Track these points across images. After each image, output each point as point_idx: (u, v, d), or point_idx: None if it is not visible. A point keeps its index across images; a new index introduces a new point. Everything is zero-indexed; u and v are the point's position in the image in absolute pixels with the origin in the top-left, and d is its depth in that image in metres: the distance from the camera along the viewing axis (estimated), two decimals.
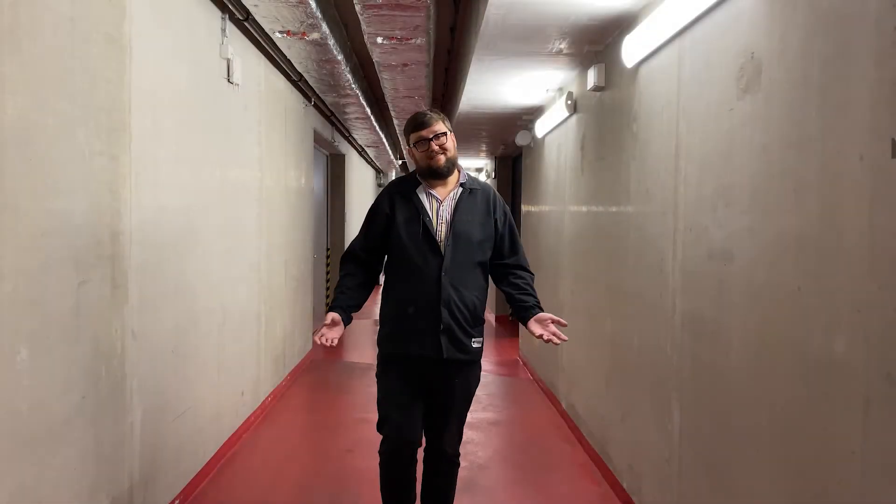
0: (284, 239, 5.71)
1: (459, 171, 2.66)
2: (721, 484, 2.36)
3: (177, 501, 3.24)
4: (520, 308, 2.62)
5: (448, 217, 2.57)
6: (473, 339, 2.59)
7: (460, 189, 2.62)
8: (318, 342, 2.47)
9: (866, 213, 1.59)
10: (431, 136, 2.54)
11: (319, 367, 6.70)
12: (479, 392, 2.95)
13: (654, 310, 3.03)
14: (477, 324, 2.61)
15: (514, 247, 2.71)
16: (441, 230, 2.55)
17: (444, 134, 2.57)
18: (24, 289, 2.03)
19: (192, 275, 3.40)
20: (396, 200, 2.61)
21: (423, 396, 2.61)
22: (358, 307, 2.62)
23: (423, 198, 2.60)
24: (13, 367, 1.99)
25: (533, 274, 2.73)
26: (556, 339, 2.48)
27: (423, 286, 2.51)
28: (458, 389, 2.63)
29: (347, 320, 2.56)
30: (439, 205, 2.59)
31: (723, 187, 2.35)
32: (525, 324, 2.58)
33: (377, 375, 2.66)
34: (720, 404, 2.37)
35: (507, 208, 2.72)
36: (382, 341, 2.63)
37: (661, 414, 2.91)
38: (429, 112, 2.61)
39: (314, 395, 5.74)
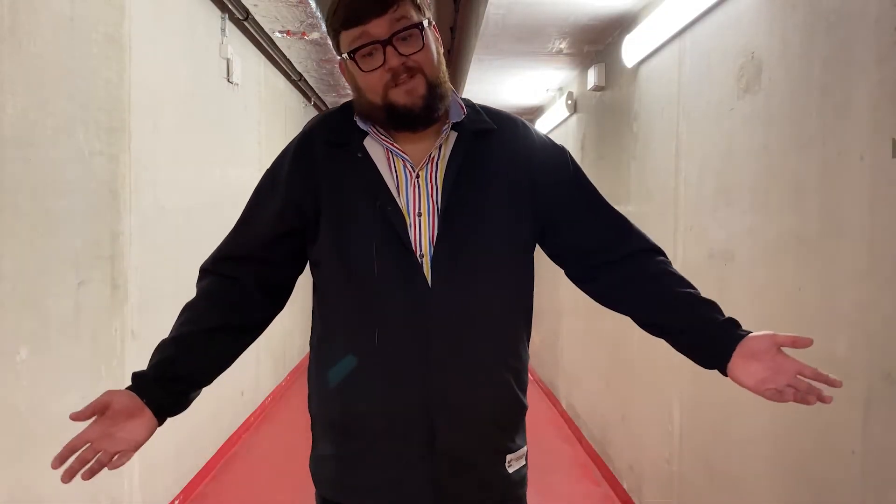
0: None
1: (448, 100, 1.23)
2: (721, 484, 2.36)
3: (177, 501, 3.24)
4: (701, 330, 1.21)
5: (435, 194, 1.21)
6: (509, 458, 1.26)
7: (454, 135, 1.24)
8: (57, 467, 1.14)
9: (866, 213, 1.59)
10: (390, 34, 1.14)
11: None
12: None
13: None
14: (513, 420, 1.27)
15: (615, 219, 1.31)
16: (421, 227, 1.20)
17: (417, 29, 1.16)
18: (24, 289, 2.03)
19: (192, 275, 3.38)
20: (323, 160, 1.23)
21: None
22: (197, 381, 1.23)
23: (380, 157, 1.23)
24: (13, 367, 1.99)
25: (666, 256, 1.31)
26: (812, 398, 1.14)
27: (389, 358, 1.18)
28: None
29: (164, 407, 1.20)
30: (413, 173, 1.22)
31: (723, 187, 2.35)
32: (723, 364, 1.20)
33: None
34: (720, 404, 2.37)
35: (569, 154, 1.34)
36: (318, 472, 1.29)
37: (661, 414, 2.91)
38: None
39: None
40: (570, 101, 4.62)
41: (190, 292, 1.32)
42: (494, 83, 4.86)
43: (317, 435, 1.30)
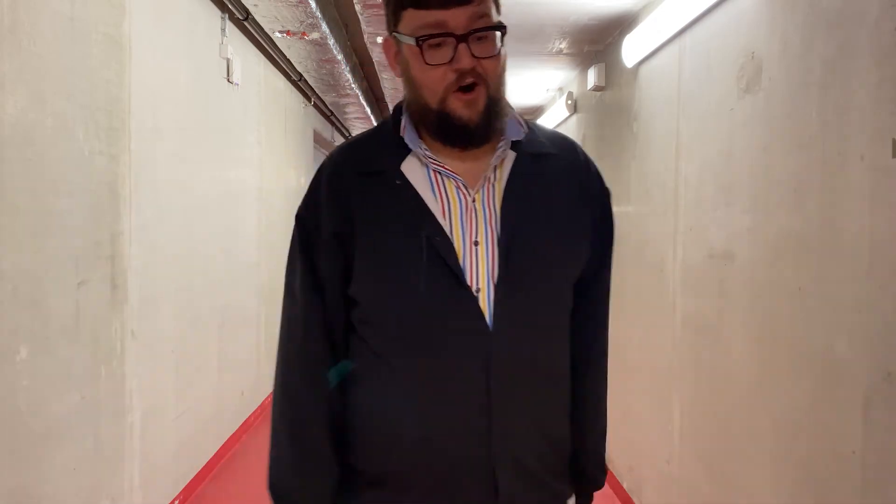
0: (284, 239, 5.72)
1: (505, 117, 1.10)
2: (721, 484, 2.36)
3: (177, 502, 3.24)
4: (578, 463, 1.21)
5: (493, 221, 1.08)
6: (569, 502, 1.22)
7: (511, 154, 1.11)
8: None
9: (866, 213, 1.59)
10: (468, 30, 1.01)
11: None
12: None
13: (654, 310, 3.03)
14: (566, 462, 1.19)
15: (601, 298, 1.22)
16: (478, 258, 1.06)
17: (499, 32, 1.04)
18: (24, 289, 2.03)
19: (192, 275, 3.40)
20: (356, 192, 1.09)
21: None
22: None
23: (421, 181, 1.08)
24: (13, 367, 1.99)
25: (605, 376, 1.25)
26: None
27: (441, 408, 1.06)
28: None
29: None
30: (468, 196, 1.08)
31: (723, 187, 2.34)
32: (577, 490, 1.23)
33: None
34: (720, 404, 2.37)
35: (609, 194, 1.22)
36: None
37: (661, 414, 2.91)
38: None
39: None
40: (570, 101, 4.62)
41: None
42: None
43: (356, 488, 1.13)
